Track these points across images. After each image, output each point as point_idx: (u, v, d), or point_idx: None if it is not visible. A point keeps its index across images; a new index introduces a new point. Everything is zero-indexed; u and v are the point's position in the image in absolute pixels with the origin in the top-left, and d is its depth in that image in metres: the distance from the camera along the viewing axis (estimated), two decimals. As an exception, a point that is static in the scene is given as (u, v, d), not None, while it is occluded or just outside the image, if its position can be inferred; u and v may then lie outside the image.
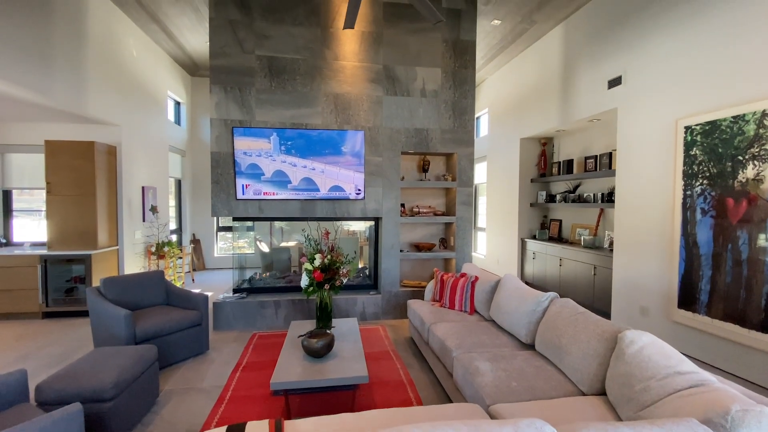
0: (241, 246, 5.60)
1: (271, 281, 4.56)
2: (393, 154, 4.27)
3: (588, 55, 4.64)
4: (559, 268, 5.20)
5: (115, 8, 4.75)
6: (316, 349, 2.34)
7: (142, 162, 5.46)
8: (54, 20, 3.73)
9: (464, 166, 4.44)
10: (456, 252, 4.44)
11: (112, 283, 3.26)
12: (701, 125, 3.27)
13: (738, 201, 3.00)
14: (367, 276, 4.74)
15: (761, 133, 2.83)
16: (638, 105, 3.90)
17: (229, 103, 3.91)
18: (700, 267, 3.28)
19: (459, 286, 3.24)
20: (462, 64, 4.35)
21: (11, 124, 4.82)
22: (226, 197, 3.96)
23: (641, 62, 3.86)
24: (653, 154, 3.73)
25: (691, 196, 3.35)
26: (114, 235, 4.87)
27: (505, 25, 5.25)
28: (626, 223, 4.05)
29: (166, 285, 3.61)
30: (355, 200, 4.19)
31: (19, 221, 5.05)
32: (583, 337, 2.03)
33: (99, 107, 4.44)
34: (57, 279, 4.41)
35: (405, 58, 4.22)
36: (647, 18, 3.79)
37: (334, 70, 4.09)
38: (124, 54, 5.02)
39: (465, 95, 4.38)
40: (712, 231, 3.19)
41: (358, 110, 4.17)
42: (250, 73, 3.93)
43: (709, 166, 3.21)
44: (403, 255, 4.37)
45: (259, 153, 3.93)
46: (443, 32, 4.29)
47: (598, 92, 4.46)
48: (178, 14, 5.00)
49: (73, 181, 4.44)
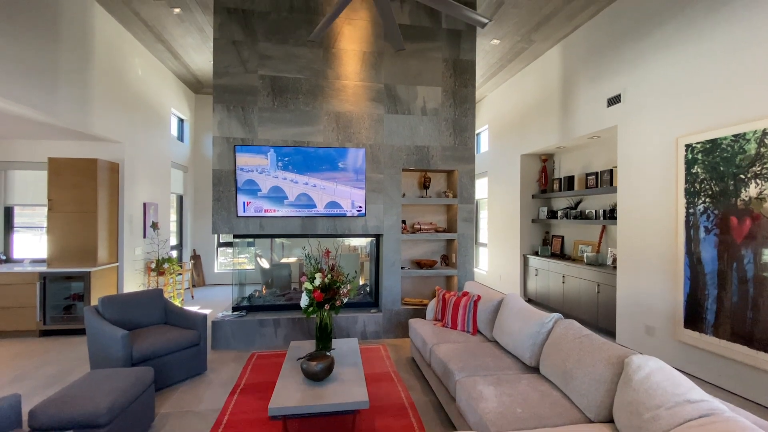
0: (242, 262, 5.57)
1: (270, 299, 4.51)
2: (394, 171, 4.28)
3: (587, 74, 4.70)
4: (562, 285, 5.14)
5: (121, 29, 4.86)
6: (315, 373, 2.29)
7: (144, 178, 5.49)
8: (61, 41, 3.80)
9: (465, 183, 4.44)
10: (458, 269, 4.40)
11: (110, 303, 3.22)
12: (702, 143, 3.27)
13: (741, 219, 2.98)
14: (368, 293, 4.69)
15: (763, 152, 2.83)
16: (638, 123, 3.92)
17: (231, 121, 3.95)
18: (706, 286, 3.24)
19: (461, 306, 3.20)
20: (462, 83, 4.40)
21: (15, 141, 4.87)
22: (227, 215, 3.95)
23: (640, 81, 3.90)
24: (654, 171, 3.73)
25: (693, 214, 3.33)
26: (114, 251, 4.85)
27: (504, 44, 5.34)
28: (629, 241, 4.02)
29: (165, 303, 3.57)
30: (356, 217, 4.18)
31: (20, 236, 5.05)
32: (589, 361, 1.98)
33: (103, 125, 4.49)
34: (55, 296, 4.37)
35: (406, 77, 4.28)
36: (645, 38, 3.84)
37: (335, 89, 4.13)
38: (130, 73, 5.10)
39: (465, 113, 4.42)
40: (717, 249, 3.16)
41: (359, 128, 4.20)
42: (253, 92, 3.98)
43: (711, 185, 3.20)
44: (405, 272, 4.33)
45: (256, 169, 3.94)
46: (443, 52, 4.35)
47: (598, 110, 4.49)
48: (183, 34, 5.11)
49: (74, 198, 4.45)
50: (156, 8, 4.46)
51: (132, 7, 4.42)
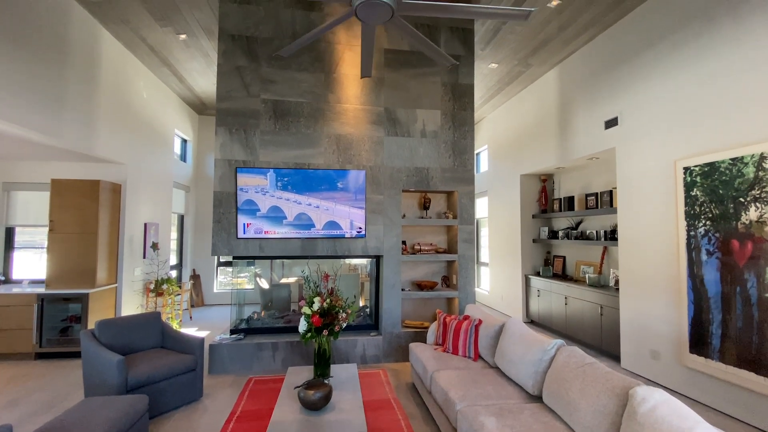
0: (241, 282, 5.54)
1: (269, 321, 4.46)
2: (394, 192, 4.30)
3: (584, 97, 4.77)
4: (565, 306, 5.08)
5: (127, 53, 4.98)
6: (312, 402, 2.24)
7: (145, 199, 5.52)
8: (68, 66, 3.89)
9: (465, 204, 4.45)
10: (459, 291, 4.36)
11: (106, 326, 3.19)
12: (700, 166, 3.29)
13: (743, 243, 2.96)
14: (368, 315, 4.64)
15: (761, 176, 2.84)
16: (636, 145, 3.96)
17: (233, 144, 4.00)
18: (710, 310, 3.19)
19: (462, 330, 3.15)
20: (461, 106, 4.47)
21: (19, 163, 4.92)
22: (227, 236, 3.95)
23: (637, 104, 3.95)
24: (654, 193, 3.74)
25: (695, 237, 3.32)
26: (113, 272, 4.84)
27: (502, 68, 5.45)
28: (631, 262, 3.99)
29: (162, 327, 3.53)
30: (356, 238, 4.18)
31: (20, 255, 5.03)
32: (593, 392, 1.94)
33: (106, 147, 4.55)
34: (52, 318, 4.33)
35: (405, 100, 4.35)
36: (640, 62, 3.92)
37: (336, 112, 4.20)
38: (135, 95, 5.21)
39: (464, 135, 4.47)
40: (719, 273, 3.13)
41: (359, 150, 4.24)
42: (255, 115, 4.04)
43: (710, 207, 3.20)
44: (405, 294, 4.29)
45: (255, 189, 3.97)
46: (442, 76, 4.44)
47: (596, 132, 4.55)
48: (188, 59, 5.23)
49: (75, 219, 4.47)
50: (163, 34, 4.58)
51: (139, 33, 4.55)
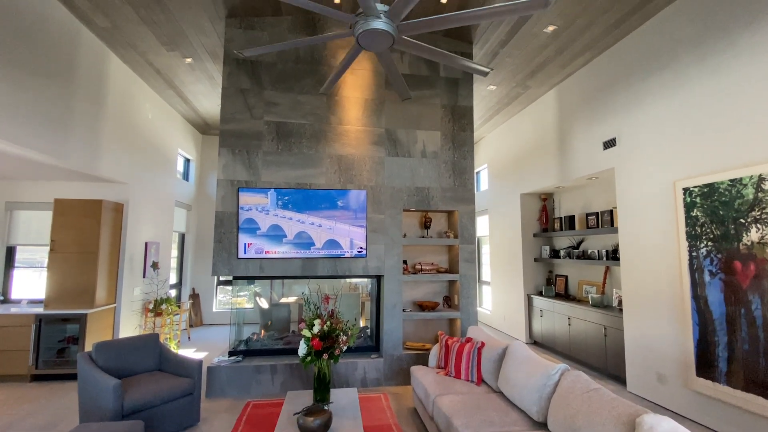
0: (240, 301, 5.49)
1: (268, 342, 4.40)
2: (395, 211, 4.32)
3: (582, 118, 4.84)
4: (568, 327, 5.02)
5: (134, 76, 5.10)
6: (312, 429, 2.19)
7: (147, 218, 5.54)
8: (76, 89, 3.98)
9: (465, 224, 4.46)
10: (460, 311, 4.32)
11: (104, 349, 3.15)
12: (699, 187, 3.31)
13: (745, 264, 2.95)
14: (368, 336, 4.58)
15: (761, 197, 2.85)
16: (635, 166, 3.99)
17: (236, 164, 4.04)
18: (715, 332, 3.15)
19: (465, 353, 3.10)
20: (460, 127, 4.53)
21: (22, 182, 4.97)
22: (227, 256, 3.95)
23: (635, 125, 4.01)
24: (654, 213, 3.75)
25: (697, 258, 3.30)
26: (113, 292, 4.81)
27: (501, 89, 5.55)
28: (633, 283, 3.96)
29: (160, 349, 3.49)
30: (357, 258, 4.17)
31: (20, 273, 5.00)
32: (598, 420, 1.89)
33: (110, 167, 4.60)
34: (50, 339, 4.28)
35: (406, 122, 4.42)
36: (637, 84, 4.00)
37: (338, 133, 4.26)
38: (140, 116, 5.30)
39: (464, 156, 4.51)
40: (723, 294, 3.10)
41: (360, 170, 4.28)
42: (258, 136, 4.10)
43: (711, 228, 3.20)
44: (406, 315, 4.25)
45: (256, 207, 3.99)
46: (442, 99, 4.52)
47: (594, 152, 4.59)
48: (193, 81, 5.35)
49: (77, 238, 4.47)
50: (169, 58, 4.70)
51: (146, 57, 4.67)
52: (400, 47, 2.65)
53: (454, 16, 2.25)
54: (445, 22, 2.32)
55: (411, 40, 2.62)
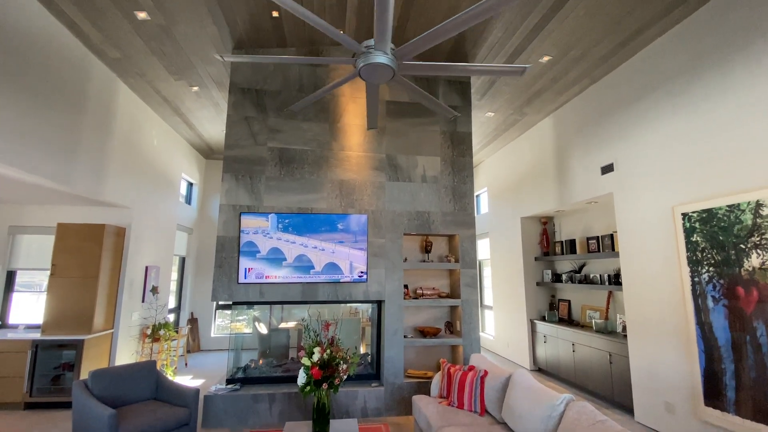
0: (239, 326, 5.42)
1: (267, 370, 4.32)
2: (395, 235, 4.33)
3: (579, 143, 4.93)
4: (573, 354, 4.93)
5: (141, 103, 5.24)
6: (311, 463, 2.12)
7: (148, 242, 5.56)
8: (85, 117, 4.09)
9: (466, 248, 4.46)
10: (463, 338, 4.26)
11: (100, 377, 3.10)
12: (698, 212, 3.33)
13: (748, 290, 2.93)
14: (369, 364, 4.49)
15: (759, 223, 2.87)
16: (633, 191, 4.03)
17: (239, 189, 4.10)
18: (722, 359, 3.09)
19: (468, 382, 3.04)
20: (460, 152, 4.61)
21: (25, 207, 5.02)
22: (227, 281, 3.94)
23: (632, 150, 4.08)
24: (654, 238, 3.76)
25: (699, 283, 3.29)
26: (111, 317, 4.76)
27: (498, 116, 5.68)
28: (637, 308, 3.92)
29: (157, 377, 3.43)
30: (358, 282, 4.15)
31: (19, 296, 4.97)
32: (606, 454, 1.84)
33: (115, 192, 4.66)
34: (45, 366, 4.21)
35: (406, 147, 4.50)
36: (632, 111, 4.09)
37: (339, 159, 4.34)
38: (145, 142, 5.41)
39: (464, 181, 4.57)
40: (728, 321, 3.07)
41: (361, 195, 4.33)
42: (261, 162, 4.17)
43: (712, 254, 3.20)
44: (408, 341, 4.19)
45: (256, 231, 4.01)
46: (441, 125, 4.62)
47: (592, 177, 4.65)
48: (199, 108, 5.49)
49: (78, 263, 4.48)
50: (176, 87, 4.85)
51: (154, 85, 4.82)
52: (396, 83, 2.78)
53: (451, 66, 2.55)
54: (443, 69, 2.57)
55: (405, 80, 2.75)
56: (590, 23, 3.58)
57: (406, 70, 2.56)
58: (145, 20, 3.58)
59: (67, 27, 3.66)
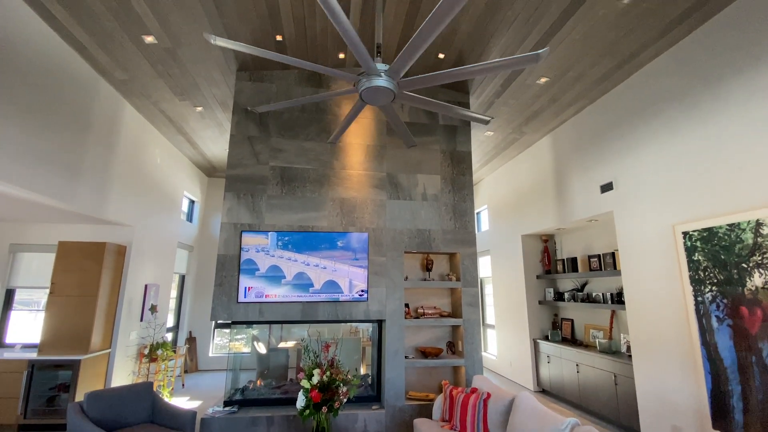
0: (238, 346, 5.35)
1: (265, 391, 4.24)
2: (396, 254, 4.32)
3: (578, 162, 4.97)
4: (577, 374, 4.84)
5: (146, 123, 5.33)
6: (310, 490, 2.06)
7: (149, 260, 5.55)
8: (90, 136, 4.15)
9: (468, 266, 4.45)
10: (465, 359, 4.19)
11: (96, 399, 3.04)
12: (698, 231, 3.33)
13: (752, 310, 2.90)
14: (369, 385, 4.41)
15: (760, 242, 2.87)
16: (633, 209, 4.04)
17: (240, 208, 4.12)
18: (728, 381, 3.04)
19: (470, 405, 2.98)
20: (460, 171, 4.65)
21: (27, 224, 5.04)
22: (227, 300, 3.91)
23: (630, 169, 4.11)
24: (656, 257, 3.74)
25: (703, 303, 3.26)
26: (108, 337, 4.71)
27: (497, 135, 5.76)
28: (640, 328, 3.88)
29: (153, 399, 3.37)
30: (358, 301, 4.12)
31: (17, 315, 4.92)
32: (613, 481, 1.79)
33: (117, 211, 4.69)
34: (41, 386, 4.14)
35: (407, 166, 4.55)
36: (630, 130, 4.14)
37: (341, 177, 4.38)
38: (148, 161, 5.47)
39: (464, 199, 4.60)
40: (733, 341, 3.03)
41: (362, 213, 4.35)
42: (263, 181, 4.21)
43: (714, 273, 3.19)
44: (409, 362, 4.12)
45: (255, 248, 4.01)
46: (441, 144, 4.68)
47: (592, 196, 4.67)
48: (203, 128, 5.58)
49: (77, 281, 4.46)
50: (181, 107, 4.94)
51: (159, 106, 4.91)
52: (401, 101, 2.80)
53: (450, 72, 2.38)
54: (441, 78, 2.44)
55: (411, 94, 2.77)
56: (586, 46, 3.67)
57: (407, 87, 2.60)
58: (152, 44, 3.69)
59: (76, 50, 3.76)
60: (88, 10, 3.24)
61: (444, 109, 2.92)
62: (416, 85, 2.65)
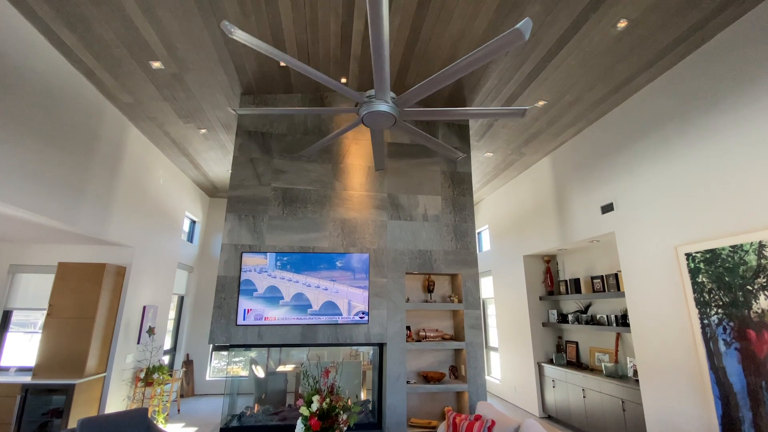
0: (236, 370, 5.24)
1: (263, 418, 4.12)
2: (397, 275, 4.29)
3: (578, 183, 5.00)
4: (583, 399, 4.71)
5: (150, 145, 5.40)
6: None
7: (148, 281, 5.51)
8: (95, 159, 4.20)
9: (470, 288, 4.40)
10: (468, 384, 4.09)
11: (89, 426, 2.95)
12: (701, 253, 3.31)
13: (759, 333, 2.85)
14: (370, 411, 4.29)
15: (764, 264, 2.85)
16: (634, 230, 4.03)
17: (241, 229, 4.12)
18: (738, 407, 2.95)
19: (473, 432, 2.89)
20: (460, 192, 4.68)
21: (26, 245, 5.03)
22: (226, 323, 3.86)
23: (631, 190, 4.12)
24: (660, 279, 3.71)
25: (709, 326, 3.20)
26: (104, 360, 4.63)
27: (497, 156, 5.82)
28: (647, 351, 3.80)
29: (148, 425, 3.27)
30: (359, 324, 4.06)
31: (12, 337, 4.85)
32: None
33: (118, 232, 4.69)
34: (33, 411, 4.04)
35: (408, 187, 4.58)
36: (628, 152, 4.18)
37: (342, 198, 4.40)
38: (151, 182, 5.51)
39: (465, 219, 4.60)
40: (741, 365, 2.96)
41: (363, 233, 4.34)
42: (265, 202, 4.23)
43: (719, 295, 3.15)
44: (410, 387, 4.02)
45: (254, 269, 3.98)
46: (441, 165, 4.73)
47: (593, 216, 4.67)
48: (206, 149, 5.65)
49: (75, 303, 4.42)
50: (185, 129, 5.02)
51: (163, 128, 4.99)
52: (396, 128, 2.88)
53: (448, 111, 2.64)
54: (442, 114, 2.64)
55: (407, 125, 2.86)
56: (582, 71, 3.76)
57: (408, 116, 2.66)
58: (159, 69, 3.78)
59: (83, 74, 3.85)
60: (98, 38, 3.34)
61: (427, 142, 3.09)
62: (418, 117, 2.73)
